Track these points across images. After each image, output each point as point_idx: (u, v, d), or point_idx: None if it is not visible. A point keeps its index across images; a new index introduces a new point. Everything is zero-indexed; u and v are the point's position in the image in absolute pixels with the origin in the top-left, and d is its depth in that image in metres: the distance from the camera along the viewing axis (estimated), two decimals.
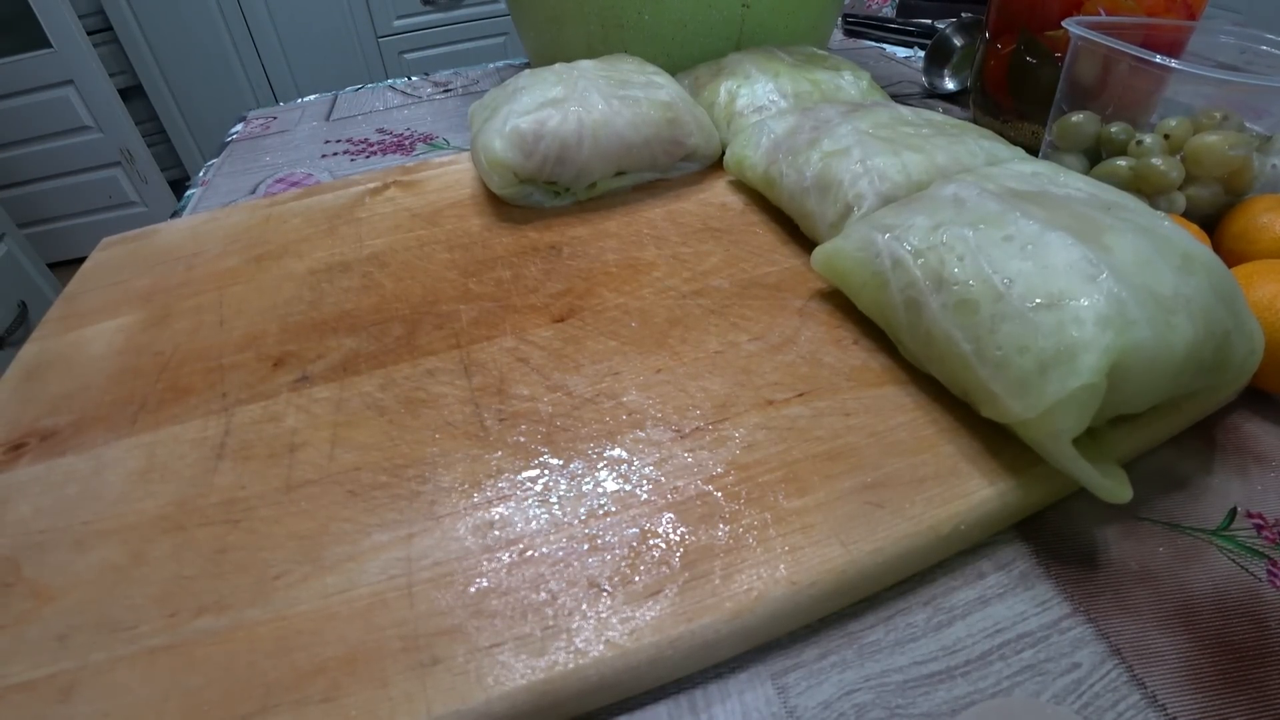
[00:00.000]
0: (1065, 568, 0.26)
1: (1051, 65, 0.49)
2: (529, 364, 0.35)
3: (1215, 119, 0.38)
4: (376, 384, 0.34)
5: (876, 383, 0.32)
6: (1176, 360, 0.25)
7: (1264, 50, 0.40)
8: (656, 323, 0.37)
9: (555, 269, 0.42)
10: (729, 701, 0.23)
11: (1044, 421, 0.25)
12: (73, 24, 1.67)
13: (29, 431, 0.34)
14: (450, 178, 0.53)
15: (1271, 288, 0.31)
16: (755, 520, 0.26)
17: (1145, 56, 0.37)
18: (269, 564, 0.26)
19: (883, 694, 0.23)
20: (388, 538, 0.27)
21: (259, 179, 0.61)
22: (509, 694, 0.22)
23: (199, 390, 0.35)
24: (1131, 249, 0.27)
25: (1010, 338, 0.26)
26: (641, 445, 0.30)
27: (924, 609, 0.25)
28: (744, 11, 0.57)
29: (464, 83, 0.80)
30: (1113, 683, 0.22)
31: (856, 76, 0.53)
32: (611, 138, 0.46)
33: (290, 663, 0.23)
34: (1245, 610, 0.24)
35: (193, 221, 0.51)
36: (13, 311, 1.55)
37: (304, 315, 0.40)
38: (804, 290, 0.38)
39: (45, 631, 0.25)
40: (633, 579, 0.24)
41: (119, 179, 1.92)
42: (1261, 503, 0.28)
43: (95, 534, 0.28)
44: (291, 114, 0.76)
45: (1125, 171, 0.39)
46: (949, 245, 0.29)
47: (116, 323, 0.41)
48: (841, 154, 0.39)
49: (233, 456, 0.31)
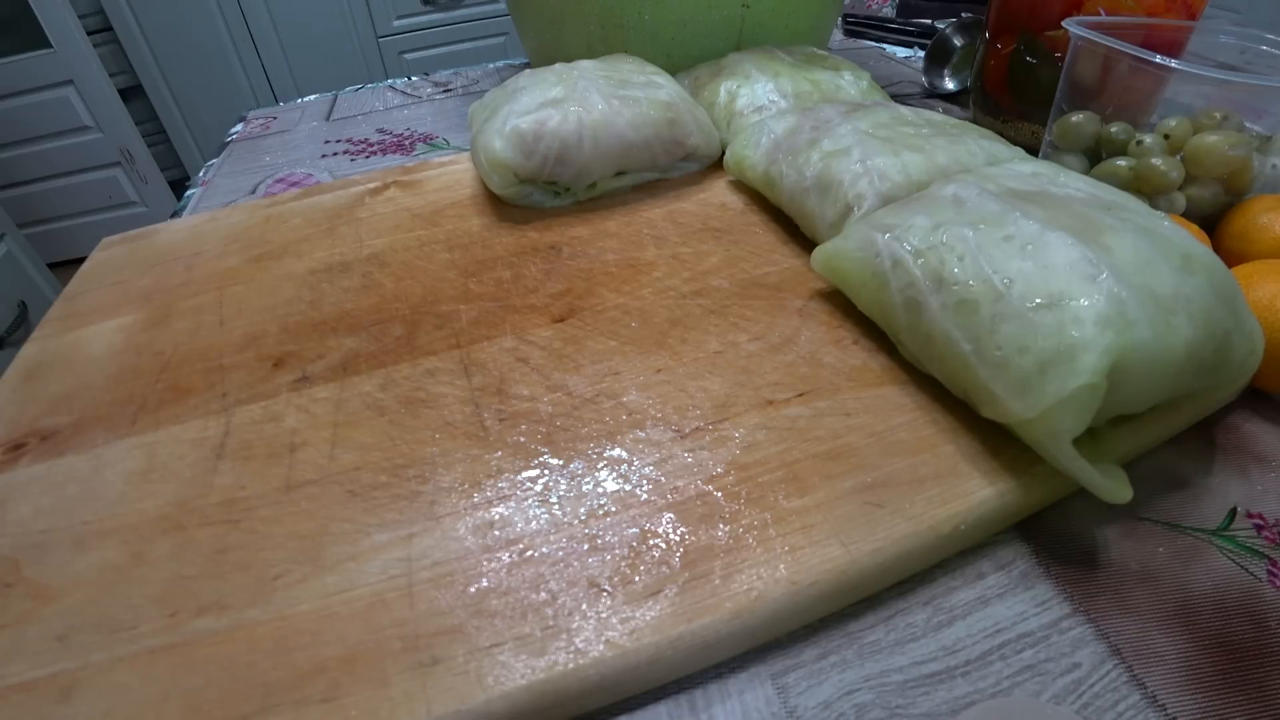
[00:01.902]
0: (1065, 568, 0.26)
1: (1051, 65, 0.49)
2: (529, 364, 0.35)
3: (1215, 119, 0.38)
4: (376, 384, 0.34)
5: (876, 383, 0.32)
6: (1176, 360, 0.25)
7: (1264, 50, 0.40)
8: (656, 323, 0.37)
9: (555, 269, 0.42)
10: (729, 701, 0.23)
11: (1044, 421, 0.25)
12: (73, 24, 1.67)
13: (29, 431, 0.34)
14: (450, 178, 0.53)
15: (1271, 288, 0.31)
16: (755, 520, 0.26)
17: (1145, 56, 0.37)
18: (269, 564, 0.26)
19: (883, 694, 0.23)
20: (388, 538, 0.27)
21: (259, 179, 0.61)
22: (509, 694, 0.22)
23: (199, 390, 0.35)
24: (1131, 249, 0.27)
25: (1010, 338, 0.26)
26: (641, 445, 0.30)
27: (924, 609, 0.25)
28: (744, 11, 0.57)
29: (464, 83, 0.80)
30: (1113, 683, 0.22)
31: (856, 76, 0.53)
32: (611, 138, 0.46)
33: (290, 663, 0.23)
34: (1245, 610, 0.24)
35: (193, 221, 0.51)
36: (13, 311, 1.55)
37: (304, 315, 0.40)
38: (804, 290, 0.38)
39: (45, 631, 0.25)
40: (633, 579, 0.24)
41: (119, 179, 1.92)
42: (1261, 503, 0.28)
43: (95, 534, 0.28)
44: (291, 114, 0.76)
45: (1125, 171, 0.39)
46: (949, 245, 0.29)
47: (116, 323, 0.41)
48: (841, 154, 0.39)
49: (233, 456, 0.31)
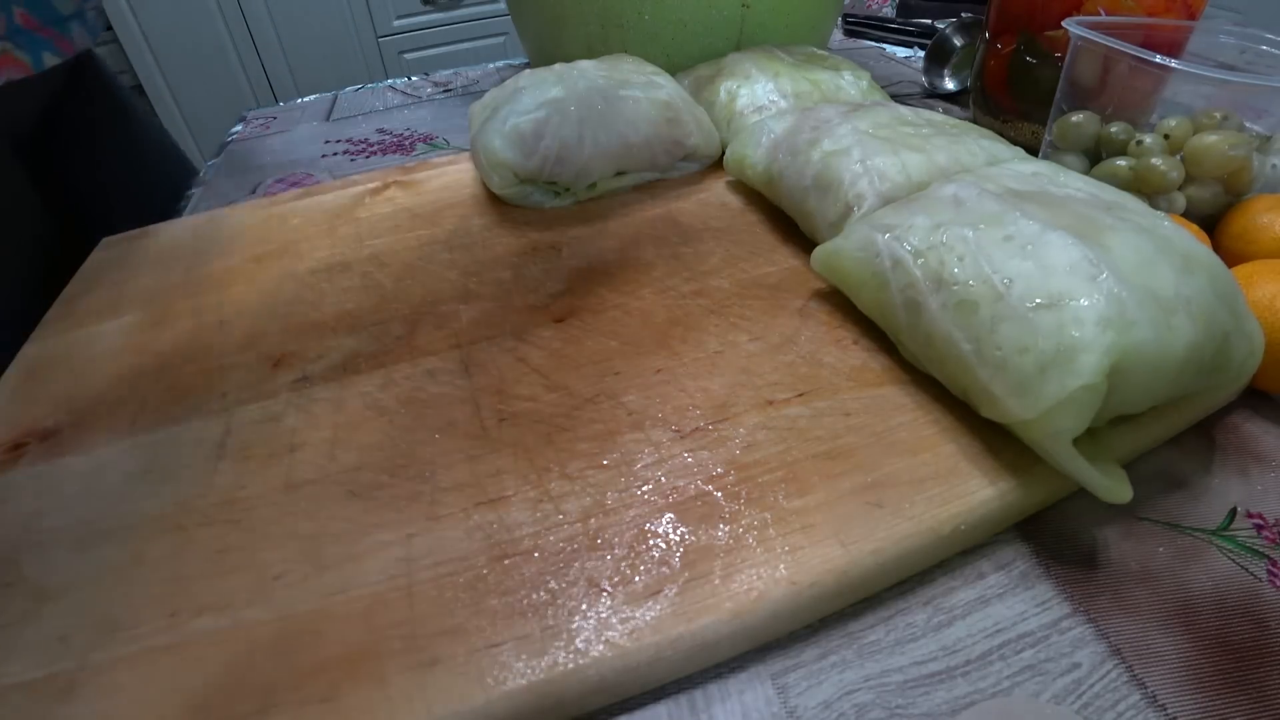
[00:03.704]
0: (1065, 568, 0.26)
1: (1051, 65, 0.49)
2: (529, 364, 0.35)
3: (1215, 119, 0.38)
4: (376, 384, 0.34)
5: (876, 383, 0.32)
6: (1177, 361, 0.25)
7: (1264, 50, 0.40)
8: (656, 323, 0.37)
9: (555, 269, 0.42)
10: (729, 701, 0.23)
11: (1044, 422, 0.25)
12: None
13: (29, 431, 0.34)
14: (450, 178, 0.53)
15: (1271, 288, 0.31)
16: (755, 520, 0.26)
17: (1145, 56, 0.37)
18: (269, 564, 0.26)
19: (883, 694, 0.23)
20: (388, 538, 0.27)
21: (259, 179, 0.61)
22: (509, 694, 0.22)
23: (199, 390, 0.35)
24: (1132, 249, 0.27)
25: (1010, 338, 0.26)
26: (641, 445, 0.30)
27: (924, 609, 0.25)
28: (744, 11, 0.57)
29: (464, 83, 0.80)
30: (1113, 683, 0.22)
31: (856, 76, 0.53)
32: (611, 138, 0.46)
33: (290, 663, 0.23)
34: (1245, 610, 0.24)
35: (193, 221, 0.51)
36: None
37: (304, 315, 0.40)
38: (804, 290, 0.38)
39: (45, 631, 0.25)
40: (633, 579, 0.24)
41: None
42: (1261, 503, 0.28)
43: (95, 534, 0.28)
44: (291, 114, 0.76)
45: (1125, 171, 0.39)
46: (949, 245, 0.29)
47: (116, 323, 0.41)
48: (841, 154, 0.39)
49: (233, 456, 0.31)
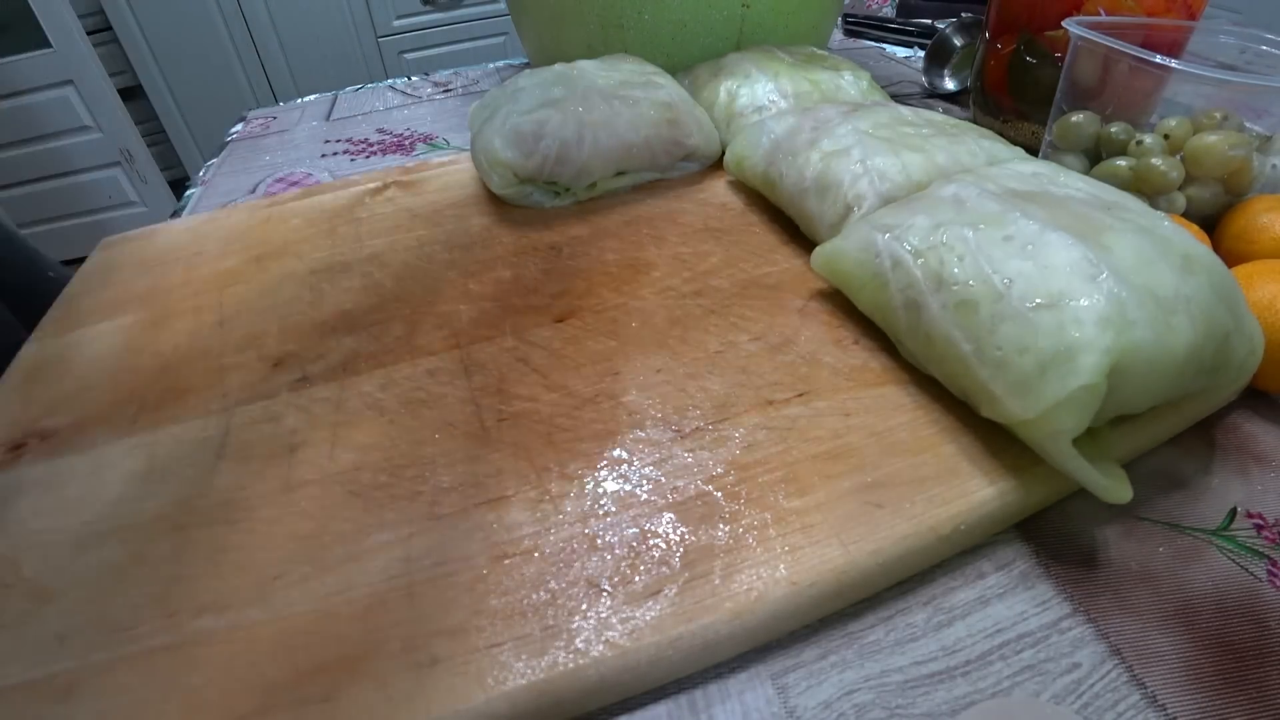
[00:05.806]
0: (1065, 568, 0.26)
1: (1051, 65, 0.49)
2: (529, 364, 0.35)
3: (1215, 119, 0.38)
4: (376, 384, 0.34)
5: (876, 383, 0.32)
6: (1177, 361, 0.25)
7: (1264, 50, 0.40)
8: (656, 323, 0.37)
9: (555, 269, 0.42)
10: (729, 701, 0.23)
11: (1044, 422, 0.25)
12: (73, 24, 1.67)
13: (29, 431, 0.34)
14: (450, 178, 0.53)
15: (1271, 288, 0.31)
16: (755, 520, 0.26)
17: (1145, 56, 0.37)
18: (269, 564, 0.26)
19: (883, 694, 0.23)
20: (388, 538, 0.27)
21: (259, 179, 0.61)
22: (509, 694, 0.22)
23: (199, 390, 0.35)
24: (1132, 249, 0.27)
25: (1010, 338, 0.26)
26: (641, 445, 0.30)
27: (924, 609, 0.25)
28: (744, 11, 0.57)
29: (464, 83, 0.80)
30: (1113, 683, 0.22)
31: (856, 76, 0.53)
32: (611, 137, 0.46)
33: (290, 663, 0.23)
34: (1245, 610, 0.24)
35: (193, 221, 0.51)
36: None
37: (304, 315, 0.40)
38: (804, 290, 0.38)
39: (45, 631, 0.25)
40: (633, 579, 0.24)
41: (119, 179, 1.92)
42: (1261, 503, 0.28)
43: (95, 534, 0.28)
44: (291, 114, 0.76)
45: (1125, 171, 0.39)
46: (949, 245, 0.29)
47: (116, 323, 0.41)
48: (841, 154, 0.39)
49: (233, 456, 0.31)
